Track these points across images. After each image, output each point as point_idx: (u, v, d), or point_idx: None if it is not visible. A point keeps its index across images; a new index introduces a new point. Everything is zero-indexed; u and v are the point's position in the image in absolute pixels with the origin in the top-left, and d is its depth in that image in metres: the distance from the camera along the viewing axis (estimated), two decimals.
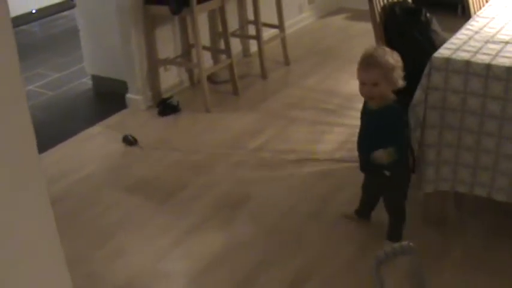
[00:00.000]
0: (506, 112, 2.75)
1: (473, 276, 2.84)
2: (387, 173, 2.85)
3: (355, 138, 3.94)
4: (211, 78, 4.94)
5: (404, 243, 2.08)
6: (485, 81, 2.75)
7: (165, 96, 4.73)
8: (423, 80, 2.88)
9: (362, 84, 2.76)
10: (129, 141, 4.08)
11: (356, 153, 3.07)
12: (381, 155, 2.74)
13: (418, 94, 2.89)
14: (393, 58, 2.73)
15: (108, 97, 4.90)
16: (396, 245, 2.06)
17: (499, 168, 2.86)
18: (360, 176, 3.13)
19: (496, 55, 2.82)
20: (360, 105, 4.53)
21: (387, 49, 2.80)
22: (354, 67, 5.14)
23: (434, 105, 2.88)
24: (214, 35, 5.17)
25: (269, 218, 3.31)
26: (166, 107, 4.59)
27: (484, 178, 2.92)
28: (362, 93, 2.81)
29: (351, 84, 4.86)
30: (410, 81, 2.90)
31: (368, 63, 2.71)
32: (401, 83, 2.74)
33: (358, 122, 4.24)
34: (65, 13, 7.06)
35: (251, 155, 3.95)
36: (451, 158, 2.93)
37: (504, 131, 2.79)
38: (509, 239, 3.06)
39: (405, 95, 2.92)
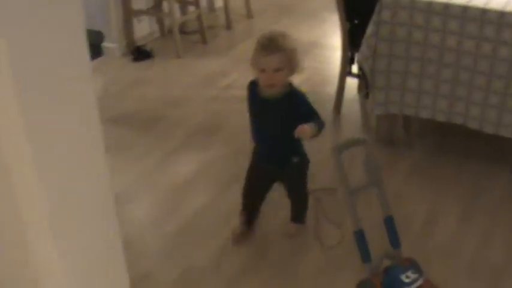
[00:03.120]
0: (445, 42, 3.23)
1: (420, 183, 3.35)
2: (295, 159, 2.79)
3: (315, 78, 4.44)
4: (181, 29, 5.32)
5: (359, 136, 2.55)
6: (427, 16, 3.22)
7: (138, 44, 5.10)
8: (375, 16, 3.33)
9: (261, 71, 2.54)
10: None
11: None
12: (306, 129, 2.54)
13: (371, 28, 3.35)
14: (291, 41, 2.59)
15: None
16: (351, 138, 2.53)
17: (440, 92, 3.35)
18: (324, 106, 3.53)
19: None
20: (319, 51, 5.05)
21: (282, 32, 2.65)
22: (311, 20, 5.63)
23: (384, 37, 3.34)
24: None
25: (239, 142, 3.72)
26: (140, 53, 4.97)
27: (427, 101, 3.41)
28: (261, 82, 2.59)
29: (310, 34, 5.36)
30: (365, 19, 3.38)
31: (269, 48, 2.50)
32: (301, 66, 2.63)
33: (320, 64, 4.74)
34: None
35: (222, 92, 4.37)
36: (399, 83, 3.40)
37: (444, 58, 3.26)
38: (450, 155, 3.57)
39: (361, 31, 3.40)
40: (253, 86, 2.69)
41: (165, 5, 5.21)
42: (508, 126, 3.27)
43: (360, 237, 2.47)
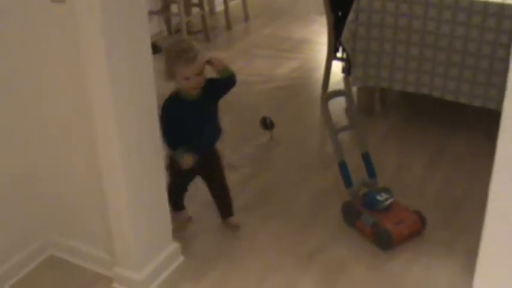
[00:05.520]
0: (412, 25, 3.94)
1: (393, 143, 4.05)
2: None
3: (306, 65, 5.16)
4: (187, 29, 6.02)
5: (341, 88, 3.26)
6: (396, 3, 3.93)
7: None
8: (354, 5, 4.03)
9: (186, 79, 2.77)
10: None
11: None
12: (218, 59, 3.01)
13: (351, 15, 4.06)
14: (196, 44, 2.87)
15: None
16: (335, 89, 3.24)
17: (409, 67, 4.05)
18: (314, 86, 4.25)
19: None
20: (308, 46, 5.77)
21: (185, 38, 3.16)
22: (301, 21, 6.37)
23: (363, 22, 4.04)
24: None
25: (247, 115, 4.41)
26: (153, 48, 5.64)
27: (399, 75, 4.11)
28: (189, 87, 2.81)
29: (300, 33, 6.11)
30: (347, 11, 4.11)
31: (190, 58, 2.74)
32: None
33: (309, 56, 5.47)
34: None
35: None
36: (375, 61, 4.11)
37: (411, 38, 3.97)
38: (419, 120, 4.29)
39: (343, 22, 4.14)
40: (173, 102, 2.88)
41: (173, 7, 5.92)
42: (465, 94, 3.96)
43: (343, 167, 3.17)
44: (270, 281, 2.88)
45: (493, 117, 4.20)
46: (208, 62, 2.88)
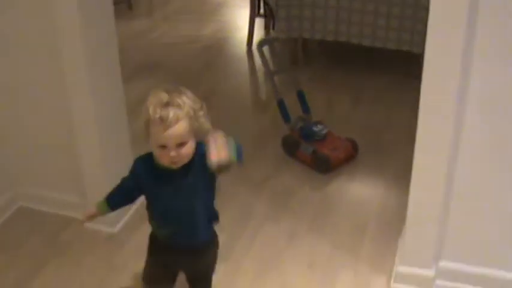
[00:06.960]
0: None
1: (320, 89, 4.43)
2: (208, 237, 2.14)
3: (228, 26, 5.51)
4: None
5: (273, 35, 3.60)
6: None
7: None
8: None
9: (161, 148, 1.83)
10: None
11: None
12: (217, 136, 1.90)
13: None
14: (192, 98, 1.87)
15: None
16: (266, 37, 3.58)
17: (328, 18, 4.45)
18: (238, 43, 4.65)
19: None
20: (227, 10, 6.11)
21: (177, 88, 1.88)
22: None
23: None
24: None
25: (176, 73, 4.72)
26: None
27: (319, 26, 4.51)
28: (162, 161, 1.87)
29: None
30: None
31: (167, 118, 1.78)
32: (207, 125, 1.92)
33: (229, 18, 5.81)
34: None
35: (153, 41, 5.37)
36: (297, 13, 4.49)
37: None
38: (338, 65, 4.74)
39: None
40: (146, 161, 1.98)
41: None
42: (380, 39, 4.40)
43: (281, 104, 3.55)
44: (227, 208, 3.18)
45: (406, 58, 4.75)
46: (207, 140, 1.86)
